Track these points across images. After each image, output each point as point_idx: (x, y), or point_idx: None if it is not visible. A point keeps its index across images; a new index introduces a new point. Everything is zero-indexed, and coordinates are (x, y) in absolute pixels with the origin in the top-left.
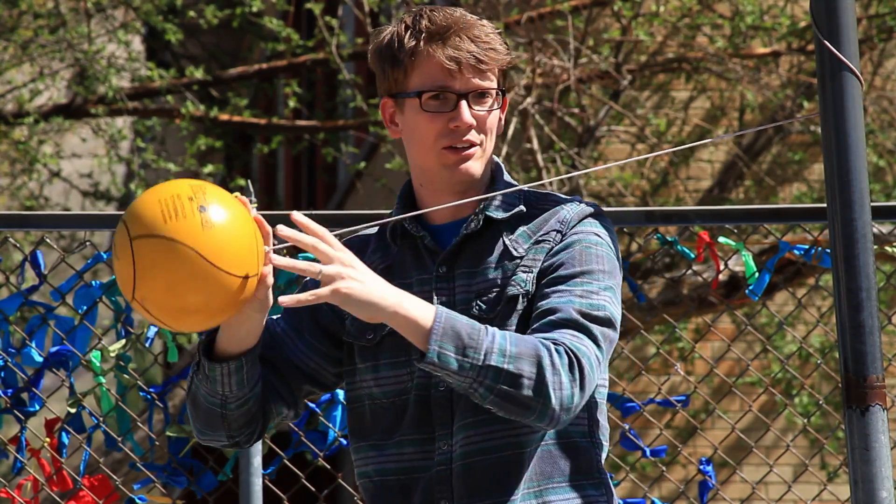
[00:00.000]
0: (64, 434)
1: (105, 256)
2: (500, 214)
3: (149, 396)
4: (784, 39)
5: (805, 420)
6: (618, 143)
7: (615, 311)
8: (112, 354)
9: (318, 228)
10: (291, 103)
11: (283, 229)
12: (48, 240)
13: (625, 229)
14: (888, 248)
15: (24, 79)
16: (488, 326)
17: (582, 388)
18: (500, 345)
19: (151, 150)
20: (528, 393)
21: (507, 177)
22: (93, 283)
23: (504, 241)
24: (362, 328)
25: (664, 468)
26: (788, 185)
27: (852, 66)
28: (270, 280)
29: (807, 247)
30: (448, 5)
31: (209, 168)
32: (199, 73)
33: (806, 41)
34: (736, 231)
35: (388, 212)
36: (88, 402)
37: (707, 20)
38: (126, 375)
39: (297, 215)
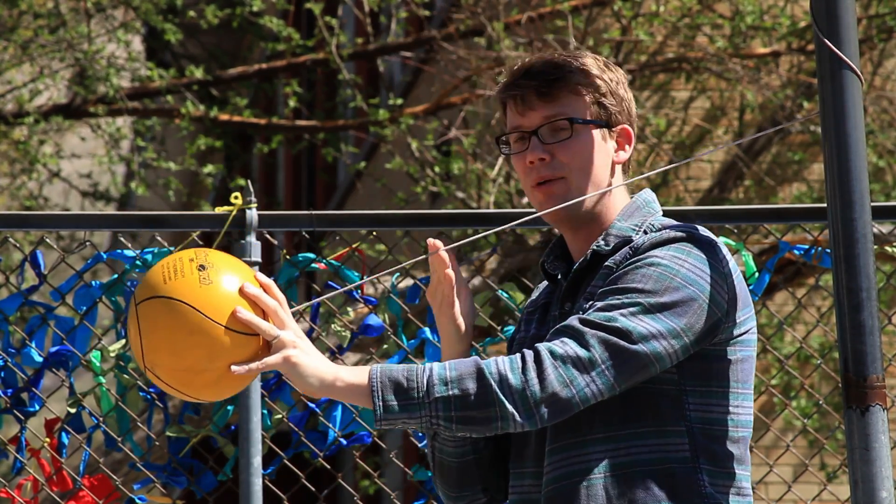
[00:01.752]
0: (64, 434)
1: (105, 256)
2: (605, 248)
3: (149, 396)
4: (784, 39)
5: (804, 420)
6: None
7: (634, 325)
8: (112, 354)
9: (278, 293)
10: (291, 103)
11: (248, 287)
12: (48, 240)
13: None
14: (888, 248)
15: (24, 79)
16: (424, 363)
17: (542, 385)
18: (440, 375)
19: (151, 149)
20: (481, 408)
21: (644, 207)
22: (93, 283)
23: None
24: None
25: None
26: (788, 185)
27: (852, 65)
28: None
29: (807, 247)
30: (448, 6)
31: (209, 168)
32: (199, 73)
33: (806, 41)
34: (736, 231)
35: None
36: (88, 402)
37: (707, 20)
38: (126, 375)
39: (261, 276)
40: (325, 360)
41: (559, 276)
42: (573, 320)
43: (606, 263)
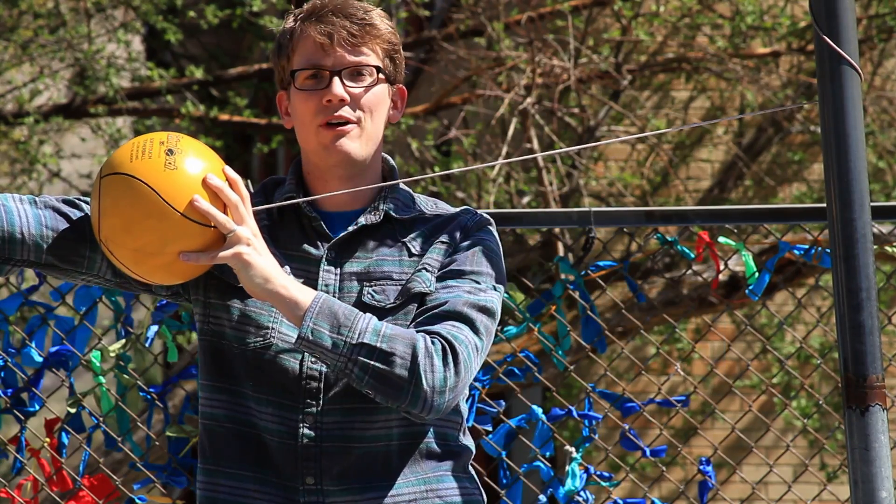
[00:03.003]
0: (64, 434)
1: None
2: (400, 214)
3: (149, 396)
4: (784, 39)
5: (804, 420)
6: (618, 144)
7: (498, 309)
8: (112, 354)
9: (243, 190)
10: None
11: (211, 178)
12: None
13: (625, 229)
14: (888, 248)
15: (24, 79)
16: (367, 314)
17: (457, 373)
18: (375, 327)
19: None
20: (400, 372)
21: (398, 175)
22: None
23: (401, 239)
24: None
25: (664, 468)
26: (788, 185)
27: (852, 61)
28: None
29: (807, 247)
30: (448, 6)
31: None
32: (199, 73)
33: (806, 41)
34: (736, 231)
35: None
36: (88, 402)
37: (707, 20)
38: (126, 375)
39: (229, 171)
40: (276, 265)
41: (319, 222)
42: (457, 304)
43: (435, 240)
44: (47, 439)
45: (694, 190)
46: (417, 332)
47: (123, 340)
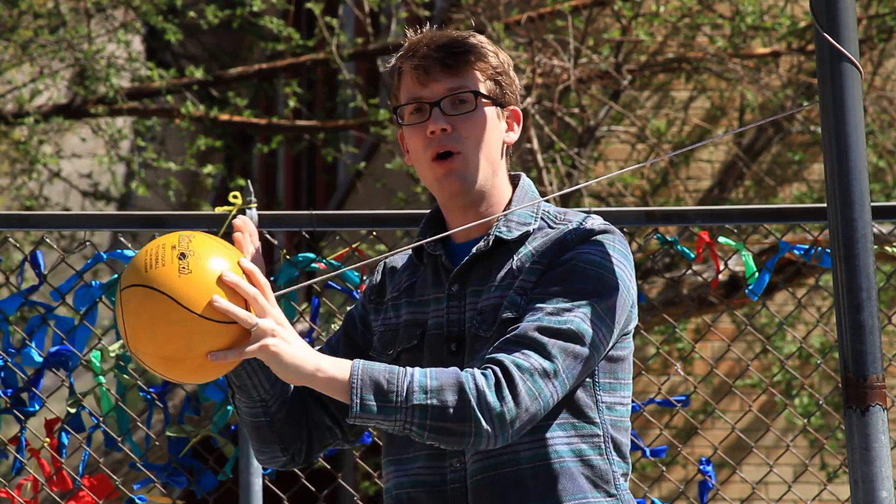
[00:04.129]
0: (64, 434)
1: (105, 256)
2: (508, 235)
3: (149, 396)
4: (784, 39)
5: (805, 420)
6: (618, 144)
7: (586, 328)
8: (112, 354)
9: (262, 280)
10: (291, 103)
11: (228, 275)
12: (48, 240)
13: (625, 229)
14: (888, 248)
15: (24, 79)
16: (408, 368)
17: (517, 403)
18: (420, 382)
19: (151, 149)
20: (457, 423)
21: (530, 192)
22: (93, 283)
23: (513, 260)
24: (386, 343)
25: (664, 468)
26: (788, 185)
27: (852, 58)
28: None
29: (807, 247)
30: (448, 6)
31: (209, 168)
32: (199, 73)
33: (806, 41)
34: (736, 231)
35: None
36: (88, 402)
37: (707, 20)
38: (126, 375)
39: (245, 262)
40: (306, 349)
41: (443, 257)
42: (529, 329)
43: (534, 258)
44: (47, 439)
45: (694, 190)
46: (468, 368)
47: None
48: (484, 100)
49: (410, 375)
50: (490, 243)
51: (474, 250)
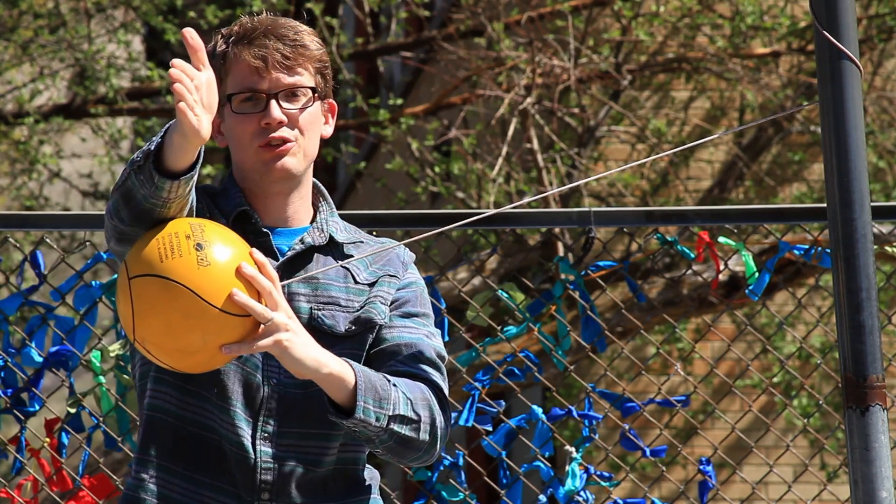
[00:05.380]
0: (64, 434)
1: (105, 256)
2: (342, 238)
3: None
4: (784, 39)
5: (805, 420)
6: (618, 144)
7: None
8: (112, 354)
9: (273, 273)
10: None
11: (245, 267)
12: (48, 240)
13: (625, 229)
14: (888, 248)
15: (24, 79)
16: (387, 375)
17: (447, 420)
18: (405, 394)
19: None
20: (423, 436)
21: (323, 187)
22: (93, 283)
23: (344, 264)
24: None
25: (664, 468)
26: (788, 185)
27: (851, 55)
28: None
29: (807, 247)
30: (448, 6)
31: (209, 168)
32: None
33: (806, 41)
34: (736, 231)
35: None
36: (88, 402)
37: (707, 20)
38: (126, 375)
39: (257, 253)
40: (313, 344)
41: (265, 238)
42: (429, 350)
43: (378, 271)
44: (47, 439)
45: (694, 190)
46: (424, 385)
47: (123, 340)
48: (315, 94)
49: (394, 384)
50: (327, 239)
51: (310, 240)
